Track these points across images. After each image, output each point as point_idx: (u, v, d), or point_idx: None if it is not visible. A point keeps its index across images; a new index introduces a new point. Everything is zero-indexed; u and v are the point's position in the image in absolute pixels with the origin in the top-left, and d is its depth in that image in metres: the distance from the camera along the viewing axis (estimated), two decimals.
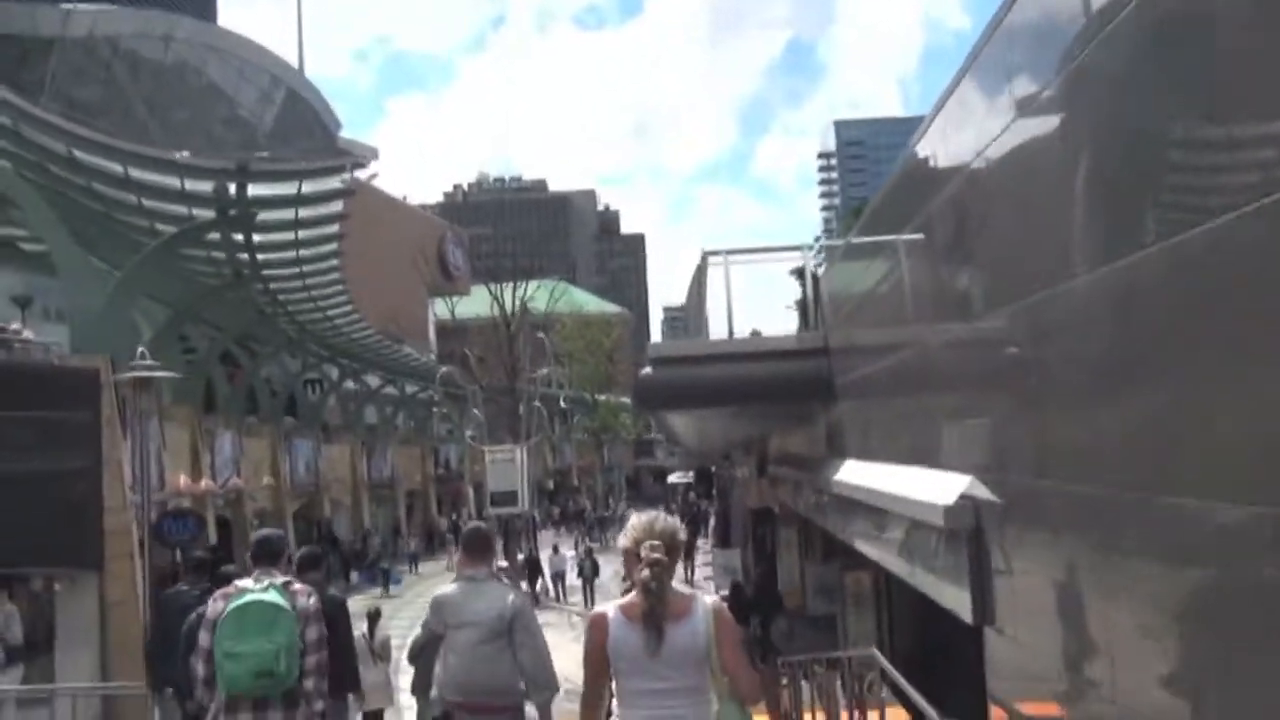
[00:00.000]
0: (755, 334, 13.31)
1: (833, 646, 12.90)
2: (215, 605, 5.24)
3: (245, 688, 5.01)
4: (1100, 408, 4.03)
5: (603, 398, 70.90)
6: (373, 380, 45.42)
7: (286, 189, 23.21)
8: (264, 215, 22.94)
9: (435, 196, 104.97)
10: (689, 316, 14.56)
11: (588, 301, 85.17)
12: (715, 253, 12.04)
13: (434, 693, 6.20)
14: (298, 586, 5.38)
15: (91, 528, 15.71)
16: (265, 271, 26.60)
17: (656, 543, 3.91)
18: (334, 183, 24.76)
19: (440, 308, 66.89)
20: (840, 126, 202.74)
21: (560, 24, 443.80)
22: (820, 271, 13.31)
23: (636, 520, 4.13)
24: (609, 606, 4.03)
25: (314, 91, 76.46)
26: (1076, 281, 4.11)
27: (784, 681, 13.08)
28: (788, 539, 19.88)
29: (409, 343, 50.05)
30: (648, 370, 11.70)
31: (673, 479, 56.35)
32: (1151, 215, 3.53)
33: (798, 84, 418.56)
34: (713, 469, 41.67)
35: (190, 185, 21.89)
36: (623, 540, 4.16)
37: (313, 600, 5.38)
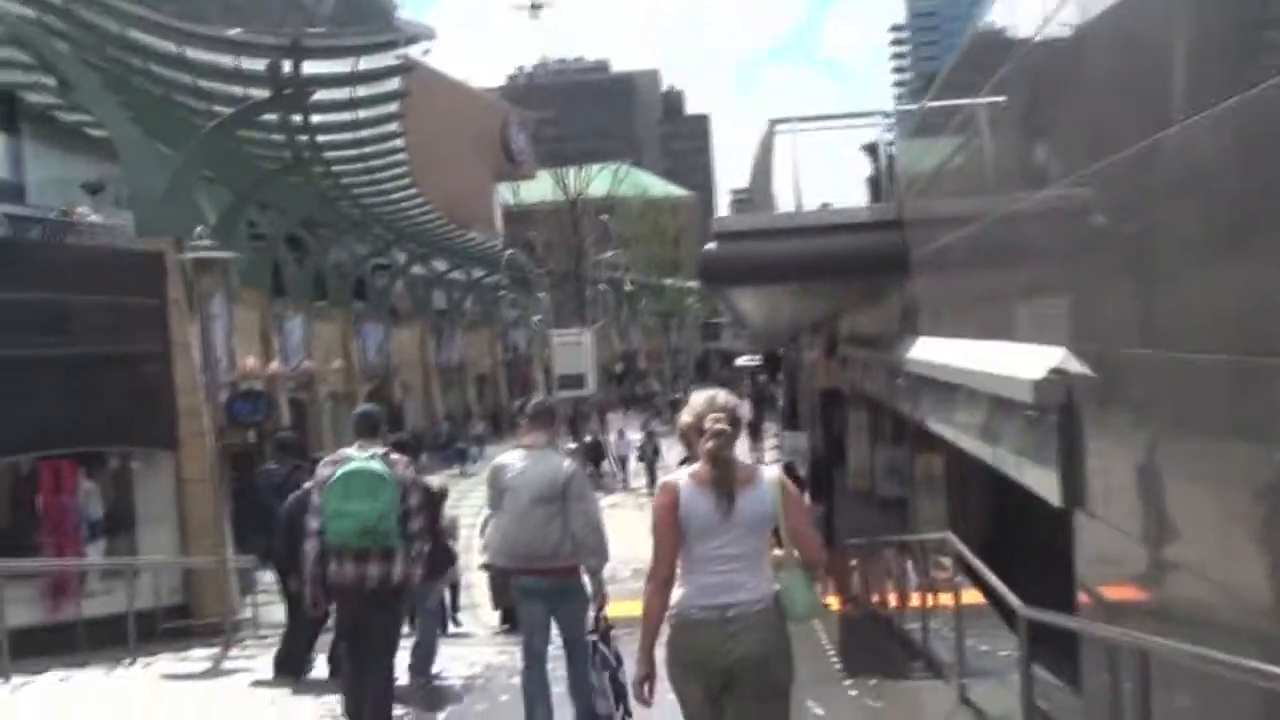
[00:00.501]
0: (824, 207, 12.77)
1: (901, 529, 12.66)
2: (324, 470, 5.99)
3: (349, 541, 5.80)
4: (1215, 266, 3.58)
5: (669, 281, 70.50)
6: (440, 265, 45.43)
7: (342, 67, 22.69)
8: (321, 95, 22.52)
9: (496, 80, 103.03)
10: (754, 191, 14.03)
11: (653, 184, 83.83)
12: (783, 120, 11.46)
13: (483, 558, 6.53)
14: (395, 457, 6.02)
15: (164, 408, 15.98)
16: (326, 153, 26.30)
17: (720, 414, 3.97)
18: (390, 59, 24.15)
19: (505, 193, 66.53)
20: None
21: None
22: (893, 142, 12.69)
23: (697, 397, 4.19)
24: (678, 475, 4.10)
25: None
26: (1184, 127, 3.61)
27: (852, 564, 12.92)
28: (857, 421, 19.58)
29: (475, 228, 49.74)
30: (713, 246, 11.29)
31: (740, 362, 56.18)
32: (1274, 45, 3.04)
33: None
34: (780, 351, 41.30)
35: (246, 65, 21.51)
36: (685, 417, 4.19)
37: (410, 470, 6.06)
